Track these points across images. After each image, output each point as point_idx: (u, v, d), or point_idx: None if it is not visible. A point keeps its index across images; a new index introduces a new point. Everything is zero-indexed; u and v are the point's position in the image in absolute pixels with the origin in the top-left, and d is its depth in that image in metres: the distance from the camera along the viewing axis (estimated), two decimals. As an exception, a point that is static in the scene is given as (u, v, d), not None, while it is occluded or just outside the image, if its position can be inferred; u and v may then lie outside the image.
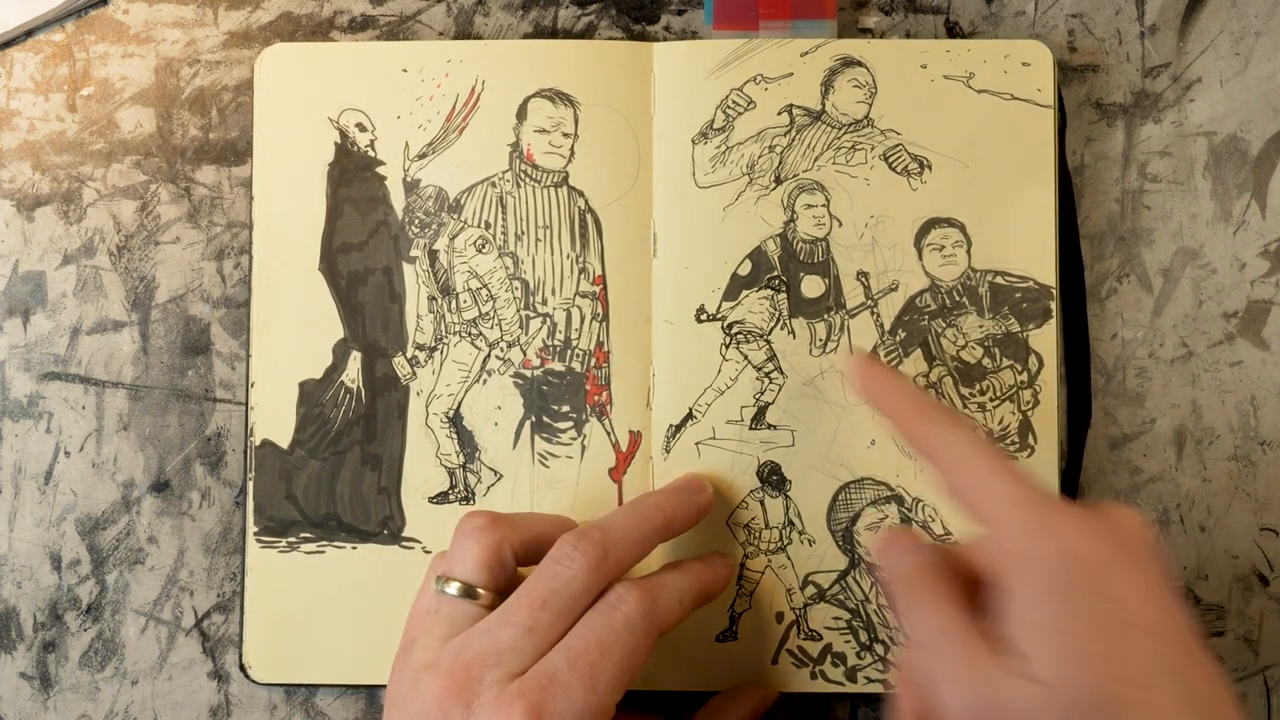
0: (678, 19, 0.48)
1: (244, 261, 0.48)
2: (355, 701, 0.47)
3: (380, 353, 0.47)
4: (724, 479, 0.46)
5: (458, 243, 0.47)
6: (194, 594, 0.47)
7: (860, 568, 0.46)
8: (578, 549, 0.38)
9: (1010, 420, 0.46)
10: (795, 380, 0.46)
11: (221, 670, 0.47)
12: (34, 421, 0.48)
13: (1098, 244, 0.47)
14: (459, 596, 0.39)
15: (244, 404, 0.47)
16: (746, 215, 0.46)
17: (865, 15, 0.48)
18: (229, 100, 0.49)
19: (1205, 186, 0.47)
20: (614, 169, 0.47)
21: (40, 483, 0.48)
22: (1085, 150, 0.48)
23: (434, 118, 0.47)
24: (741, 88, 0.47)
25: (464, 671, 0.36)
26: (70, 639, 0.47)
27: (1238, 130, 0.47)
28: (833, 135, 0.47)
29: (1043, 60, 0.46)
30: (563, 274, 0.47)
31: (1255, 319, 0.47)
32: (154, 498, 0.48)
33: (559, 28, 0.48)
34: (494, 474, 0.46)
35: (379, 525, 0.46)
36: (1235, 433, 0.47)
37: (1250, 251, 0.47)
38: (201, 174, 0.48)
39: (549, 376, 0.47)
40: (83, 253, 0.48)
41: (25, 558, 0.48)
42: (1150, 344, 0.47)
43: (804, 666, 0.46)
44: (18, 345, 0.48)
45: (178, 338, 0.48)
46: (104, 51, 0.49)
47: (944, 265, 0.46)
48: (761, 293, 0.46)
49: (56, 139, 0.49)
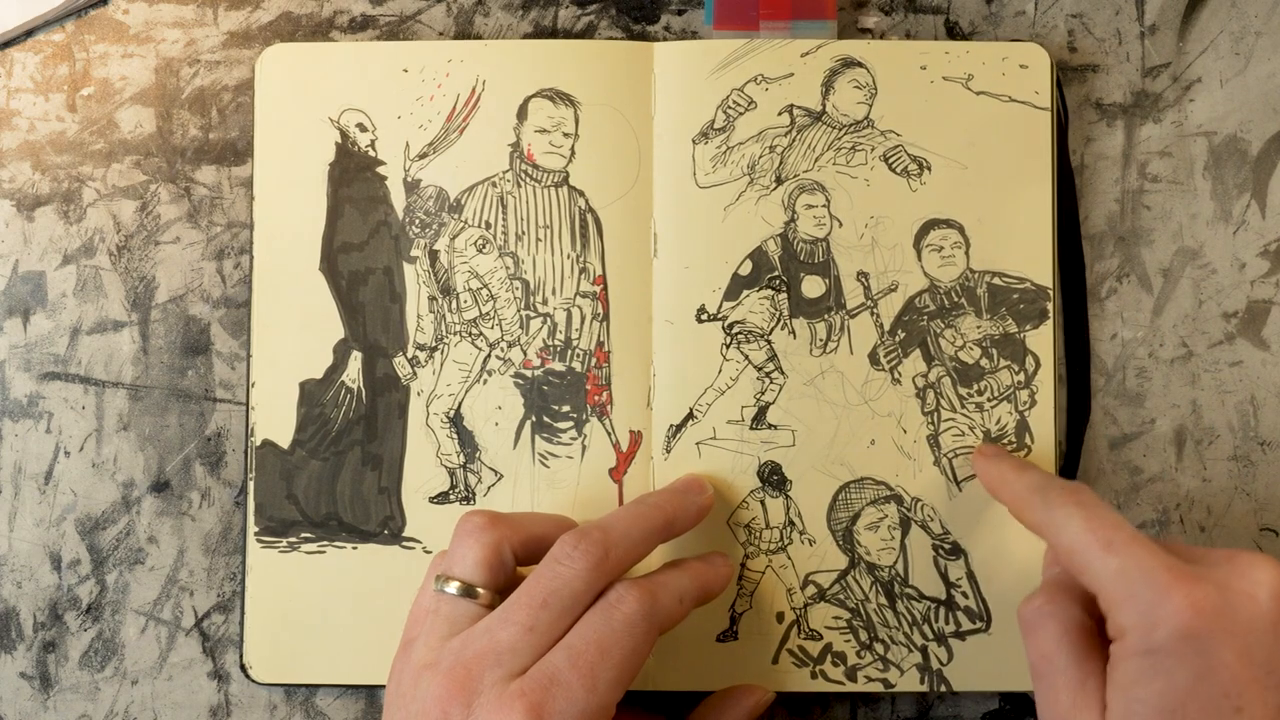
0: (678, 19, 0.48)
1: (244, 261, 0.48)
2: (355, 701, 0.47)
3: (381, 353, 0.47)
4: (724, 479, 0.46)
5: (458, 243, 0.47)
6: (194, 594, 0.47)
7: (860, 567, 0.46)
8: (578, 548, 0.38)
9: (1008, 420, 0.46)
10: (796, 380, 0.46)
11: (221, 670, 0.47)
12: (34, 421, 0.48)
13: (1098, 244, 0.47)
14: (459, 596, 0.39)
15: (244, 404, 0.47)
16: (747, 215, 0.46)
17: (865, 15, 0.48)
18: (229, 100, 0.49)
19: (1205, 186, 0.47)
20: (614, 169, 0.47)
21: (40, 483, 0.48)
22: (1085, 150, 0.48)
23: (434, 118, 0.47)
24: (742, 88, 0.47)
25: (464, 671, 0.36)
26: (70, 639, 0.47)
27: (1238, 130, 0.47)
28: (833, 136, 0.47)
29: (1040, 62, 0.46)
30: (563, 274, 0.47)
31: (1255, 319, 0.47)
32: (154, 498, 0.48)
33: (559, 28, 0.48)
34: (494, 474, 0.46)
35: (379, 525, 0.46)
36: (1235, 433, 0.47)
37: (1250, 251, 0.47)
38: (201, 174, 0.48)
39: (549, 376, 0.47)
40: (83, 253, 0.48)
41: (25, 558, 0.48)
42: (1150, 344, 0.47)
43: (804, 666, 0.46)
44: (18, 345, 0.48)
45: (178, 338, 0.48)
46: (104, 51, 0.49)
47: (943, 266, 0.46)
48: (762, 293, 0.46)
49: (56, 139, 0.49)
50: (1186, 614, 0.33)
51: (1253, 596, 0.34)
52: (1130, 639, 0.34)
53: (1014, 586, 0.45)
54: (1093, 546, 0.36)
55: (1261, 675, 0.33)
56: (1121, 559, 0.35)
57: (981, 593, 0.46)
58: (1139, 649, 0.34)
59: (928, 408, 0.46)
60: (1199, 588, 0.33)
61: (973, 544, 0.46)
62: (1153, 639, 0.33)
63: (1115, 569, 0.35)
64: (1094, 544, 0.36)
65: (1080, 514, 0.37)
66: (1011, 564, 0.45)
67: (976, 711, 0.46)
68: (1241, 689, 0.32)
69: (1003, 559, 0.46)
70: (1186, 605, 0.33)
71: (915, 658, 0.45)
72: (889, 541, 0.46)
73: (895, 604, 0.46)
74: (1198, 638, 0.33)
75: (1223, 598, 0.33)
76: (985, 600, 0.46)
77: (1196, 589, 0.33)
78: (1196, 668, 0.33)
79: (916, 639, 0.46)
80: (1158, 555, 0.35)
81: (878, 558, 0.46)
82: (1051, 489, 0.39)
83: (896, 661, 0.46)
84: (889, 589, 0.46)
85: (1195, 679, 0.33)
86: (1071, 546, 0.36)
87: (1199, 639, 0.33)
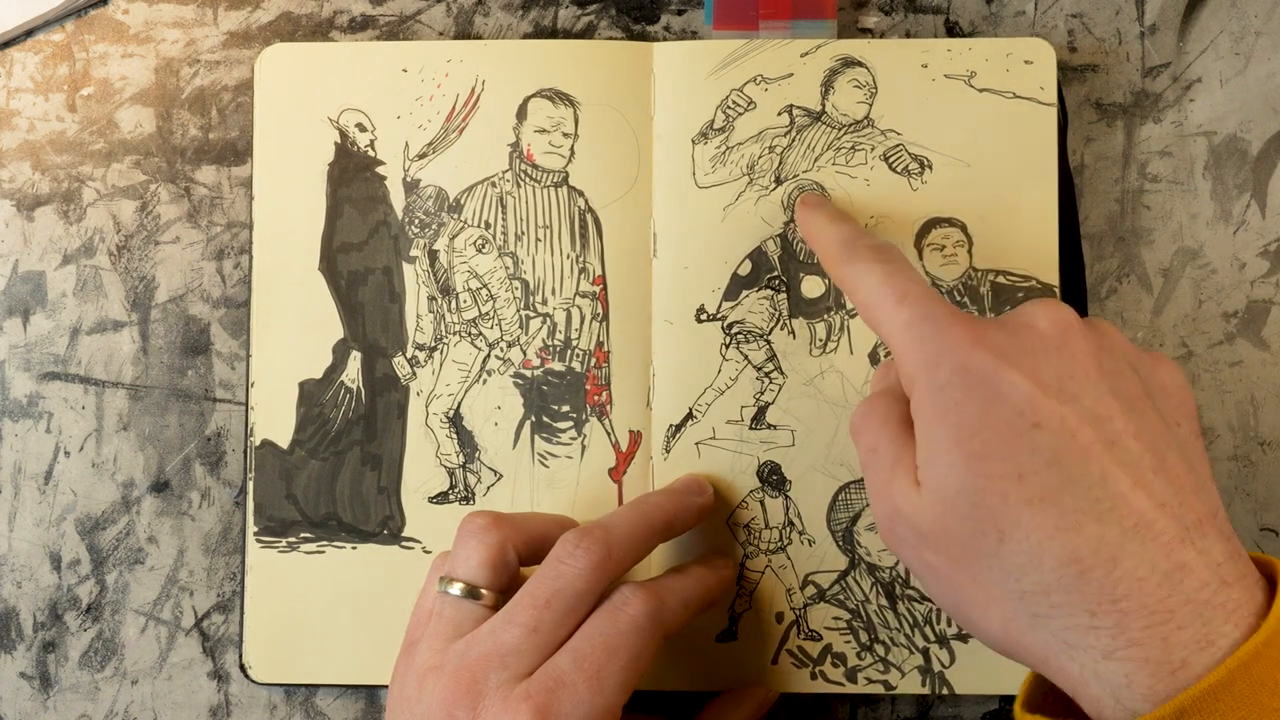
0: (678, 19, 0.48)
1: (244, 261, 0.48)
2: (355, 701, 0.47)
3: (380, 353, 0.47)
4: (724, 479, 0.46)
5: (458, 243, 0.47)
6: (194, 594, 0.47)
7: (861, 568, 0.46)
8: (580, 547, 0.38)
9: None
10: (795, 380, 0.46)
11: (221, 670, 0.47)
12: (34, 421, 0.48)
13: (1098, 244, 0.47)
14: (462, 597, 0.39)
15: (244, 404, 0.47)
16: (747, 215, 0.46)
17: (865, 15, 0.48)
18: (229, 100, 0.49)
19: (1205, 186, 0.47)
20: (614, 169, 0.47)
21: (40, 483, 0.48)
22: (1085, 150, 0.48)
23: (434, 118, 0.47)
24: (741, 88, 0.47)
25: (469, 674, 0.36)
26: (70, 639, 0.47)
27: (1238, 130, 0.47)
28: (833, 136, 0.47)
29: (1045, 58, 0.46)
30: (563, 274, 0.47)
31: (1255, 319, 0.47)
32: (154, 498, 0.48)
33: (559, 28, 0.48)
34: (494, 474, 0.46)
35: (379, 525, 0.46)
36: (1235, 433, 0.47)
37: (1250, 251, 0.47)
38: (201, 174, 0.48)
39: (549, 376, 0.47)
40: (82, 253, 0.48)
41: (25, 558, 0.48)
42: (1150, 344, 0.47)
43: (804, 667, 0.46)
44: (18, 345, 0.48)
45: (178, 338, 0.48)
46: (104, 51, 0.49)
47: (945, 265, 0.46)
48: (762, 293, 0.46)
49: (56, 139, 0.49)
50: (965, 345, 0.33)
51: (1030, 325, 0.34)
52: (919, 385, 0.34)
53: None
54: (887, 300, 0.36)
55: (1055, 391, 0.32)
56: (911, 310, 0.35)
57: (982, 593, 0.46)
58: (927, 390, 0.33)
59: (928, 408, 0.46)
60: (979, 325, 0.34)
61: (973, 544, 0.46)
62: (938, 377, 0.33)
63: (905, 319, 0.35)
64: (889, 297, 0.36)
65: (880, 269, 0.37)
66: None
67: (977, 713, 0.46)
68: (1036, 405, 0.32)
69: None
70: (966, 337, 0.33)
71: (916, 659, 0.45)
72: (889, 542, 0.46)
73: (896, 605, 0.46)
74: (980, 367, 0.33)
75: (1001, 330, 0.34)
76: (985, 600, 0.46)
77: (977, 326, 0.34)
78: (984, 394, 0.32)
79: (918, 640, 0.46)
80: (945, 305, 0.35)
81: (878, 558, 0.46)
82: (858, 243, 0.39)
83: (897, 663, 0.45)
84: (890, 590, 0.46)
85: (985, 404, 0.32)
86: (867, 300, 0.37)
87: (982, 368, 0.33)
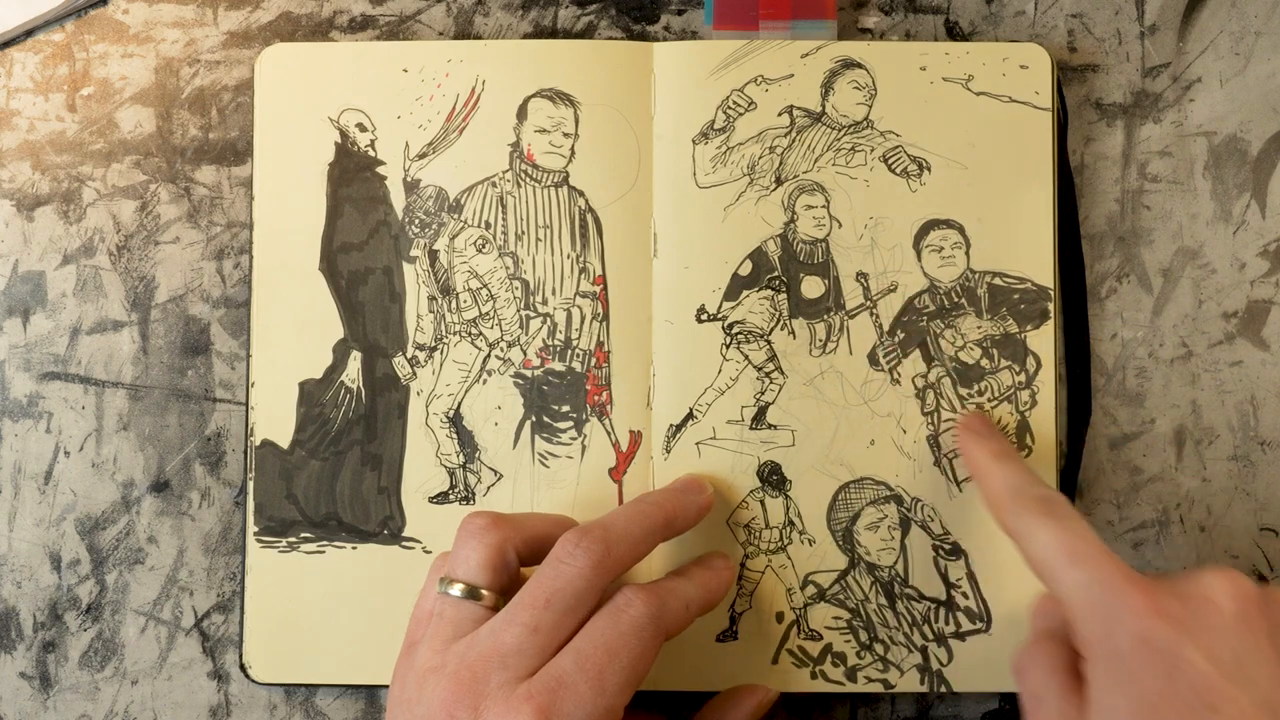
0: (678, 19, 0.48)
1: (244, 261, 0.48)
2: (355, 701, 0.47)
3: (380, 353, 0.47)
4: (724, 479, 0.46)
5: (458, 242, 0.47)
6: (194, 594, 0.47)
7: (860, 567, 0.46)
8: (580, 546, 0.38)
9: (1009, 421, 0.46)
10: (795, 380, 0.46)
11: (221, 670, 0.47)
12: (34, 421, 0.48)
13: (1098, 244, 0.47)
14: (462, 598, 0.39)
15: (244, 404, 0.47)
16: (747, 216, 0.46)
17: (865, 15, 0.48)
18: (229, 100, 0.49)
19: (1205, 186, 0.47)
20: (614, 169, 0.47)
21: (40, 483, 0.48)
22: (1085, 150, 0.48)
23: (434, 118, 0.47)
24: (742, 88, 0.47)
25: (470, 674, 0.36)
26: (70, 639, 0.47)
27: (1238, 130, 0.47)
28: (833, 136, 0.47)
29: (1041, 63, 0.46)
30: (563, 274, 0.47)
31: (1255, 319, 0.47)
32: (154, 498, 0.48)
33: (559, 28, 0.48)
34: (494, 474, 0.46)
35: (379, 525, 0.46)
36: (1235, 433, 0.47)
37: (1250, 251, 0.47)
38: (201, 174, 0.48)
39: (549, 376, 0.47)
40: (82, 253, 0.48)
41: (25, 558, 0.48)
42: (1150, 344, 0.47)
43: (804, 666, 0.46)
44: (18, 345, 0.48)
45: (178, 338, 0.48)
46: (104, 51, 0.49)
47: (943, 266, 0.46)
48: (762, 293, 0.46)
49: (56, 139, 0.49)
50: (1147, 617, 0.33)
51: (1210, 600, 0.34)
52: (1095, 650, 0.34)
53: (1014, 587, 0.46)
54: (1060, 559, 0.36)
55: (1232, 672, 0.32)
56: (1087, 572, 0.35)
57: (982, 593, 0.46)
58: (1104, 656, 0.34)
59: (927, 408, 0.46)
60: (1158, 593, 0.34)
61: (973, 544, 0.46)
62: (1116, 645, 0.33)
63: (1080, 581, 0.35)
64: (1061, 556, 0.36)
65: (1052, 526, 0.37)
66: (1012, 564, 0.45)
67: (976, 711, 0.46)
68: (1213, 687, 0.32)
69: (1003, 559, 0.46)
70: (1146, 608, 0.33)
71: (915, 658, 0.46)
72: (889, 542, 0.46)
73: (895, 604, 0.46)
74: (1160, 640, 0.33)
75: (1181, 602, 0.34)
76: (985, 601, 0.46)
77: (1156, 594, 0.34)
78: (1163, 670, 0.33)
79: (916, 639, 0.46)
80: (1121, 568, 0.35)
81: (878, 558, 0.46)
82: (1028, 492, 0.39)
83: (896, 662, 0.46)
84: (889, 589, 0.46)
85: (1163, 681, 0.32)
86: (1040, 557, 0.37)
87: (1161, 641, 0.33)
